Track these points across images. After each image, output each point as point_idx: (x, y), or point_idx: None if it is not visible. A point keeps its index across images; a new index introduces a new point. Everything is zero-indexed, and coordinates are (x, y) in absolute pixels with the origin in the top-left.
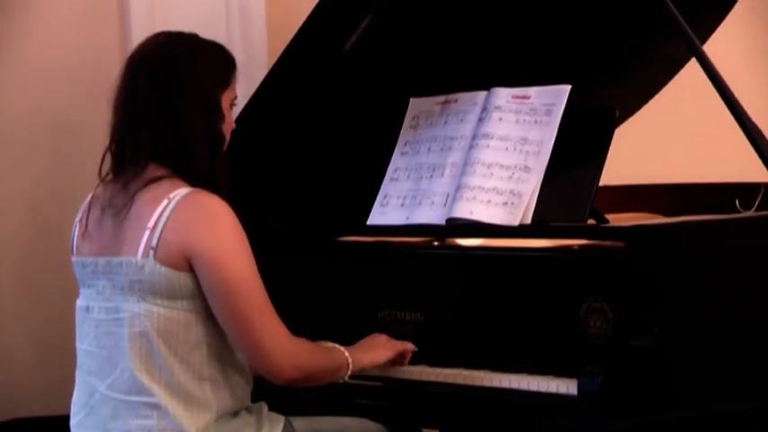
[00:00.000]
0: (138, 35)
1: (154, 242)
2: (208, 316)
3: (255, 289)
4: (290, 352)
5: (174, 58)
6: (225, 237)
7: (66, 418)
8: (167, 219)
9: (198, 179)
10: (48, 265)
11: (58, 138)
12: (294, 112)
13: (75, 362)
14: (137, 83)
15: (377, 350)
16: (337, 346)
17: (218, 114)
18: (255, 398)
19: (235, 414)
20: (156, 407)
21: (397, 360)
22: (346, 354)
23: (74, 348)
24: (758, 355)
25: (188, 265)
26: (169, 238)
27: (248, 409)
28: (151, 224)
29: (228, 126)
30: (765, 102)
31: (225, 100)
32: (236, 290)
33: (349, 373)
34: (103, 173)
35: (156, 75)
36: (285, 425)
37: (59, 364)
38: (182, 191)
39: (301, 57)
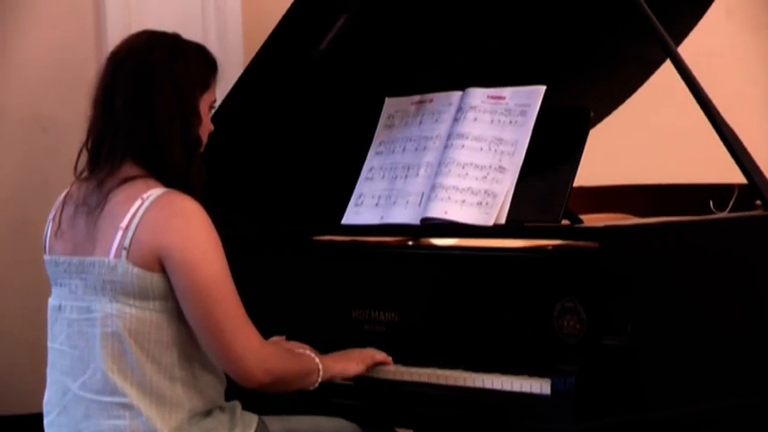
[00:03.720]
0: (114, 32)
1: (126, 243)
2: (180, 317)
3: (227, 292)
4: (260, 356)
5: (153, 58)
6: (197, 238)
7: (42, 417)
8: (140, 219)
9: (172, 180)
10: (20, 263)
11: (31, 134)
12: (269, 111)
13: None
14: (116, 81)
15: (349, 362)
16: (308, 352)
17: (195, 117)
18: (229, 397)
19: (208, 413)
20: (128, 407)
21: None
22: (317, 360)
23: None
24: (732, 355)
25: (160, 265)
26: (141, 239)
27: (221, 409)
28: (124, 224)
29: (206, 129)
30: (740, 103)
31: (203, 103)
32: (207, 292)
33: (319, 379)
34: (79, 169)
35: (134, 75)
36: (259, 424)
37: (34, 361)
38: (155, 191)
39: (277, 55)
